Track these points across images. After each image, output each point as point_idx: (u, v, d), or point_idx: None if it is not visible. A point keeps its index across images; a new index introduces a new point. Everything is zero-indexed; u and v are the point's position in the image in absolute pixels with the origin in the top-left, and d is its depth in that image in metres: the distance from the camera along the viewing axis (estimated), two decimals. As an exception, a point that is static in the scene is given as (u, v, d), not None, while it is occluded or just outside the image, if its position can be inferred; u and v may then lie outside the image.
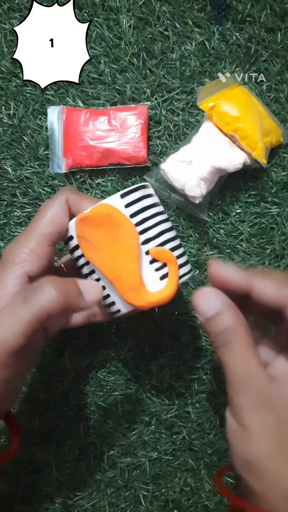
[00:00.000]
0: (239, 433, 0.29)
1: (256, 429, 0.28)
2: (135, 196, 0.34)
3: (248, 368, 0.29)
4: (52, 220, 0.33)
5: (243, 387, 0.29)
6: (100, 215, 0.33)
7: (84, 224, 0.33)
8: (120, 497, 0.45)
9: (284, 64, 0.46)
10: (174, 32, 0.45)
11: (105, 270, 0.33)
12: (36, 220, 0.34)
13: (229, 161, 0.42)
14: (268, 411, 0.28)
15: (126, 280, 0.33)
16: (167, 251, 0.34)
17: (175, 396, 0.45)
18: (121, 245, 0.33)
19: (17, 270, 0.32)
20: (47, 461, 0.45)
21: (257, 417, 0.28)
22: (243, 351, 0.30)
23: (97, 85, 0.46)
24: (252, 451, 0.28)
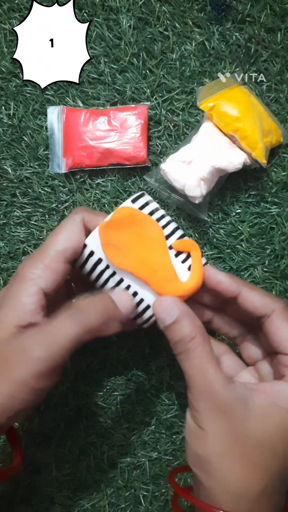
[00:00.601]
0: (195, 433, 0.31)
1: (210, 431, 0.30)
2: (144, 200, 0.35)
3: (205, 376, 0.31)
4: (67, 237, 0.33)
5: (200, 393, 0.31)
6: (123, 216, 0.33)
7: (109, 229, 0.33)
8: (120, 497, 0.45)
9: (284, 64, 0.46)
10: (174, 32, 0.46)
11: (137, 270, 0.33)
12: (51, 237, 0.34)
13: (229, 161, 0.42)
14: (223, 415, 0.30)
15: (162, 273, 0.34)
16: (188, 240, 0.36)
17: (175, 396, 0.45)
18: (149, 240, 0.34)
19: (32, 286, 0.32)
20: (47, 461, 0.45)
21: (212, 420, 0.30)
22: (200, 359, 0.31)
23: (97, 85, 0.46)
24: (205, 449, 0.30)
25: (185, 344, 0.31)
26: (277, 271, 0.45)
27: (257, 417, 0.30)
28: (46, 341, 0.30)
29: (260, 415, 0.30)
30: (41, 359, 0.30)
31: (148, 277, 0.34)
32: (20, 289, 0.32)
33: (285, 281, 0.46)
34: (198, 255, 0.35)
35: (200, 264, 0.35)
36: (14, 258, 0.46)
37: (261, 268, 0.45)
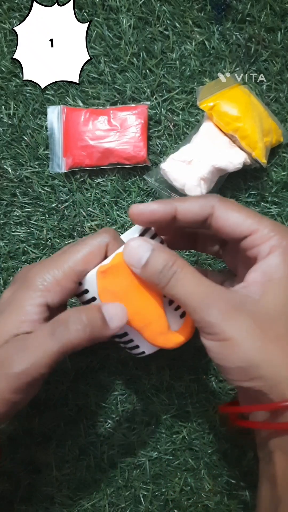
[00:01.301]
0: (223, 349, 0.29)
1: (236, 334, 0.28)
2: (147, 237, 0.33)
3: (204, 285, 0.30)
4: (86, 258, 0.32)
5: (207, 303, 0.29)
6: (124, 263, 0.32)
7: (107, 275, 0.32)
8: (120, 496, 0.45)
9: (284, 64, 0.46)
10: (174, 31, 0.45)
11: (132, 320, 0.32)
12: (70, 252, 0.33)
13: (229, 161, 0.42)
14: (239, 313, 0.29)
15: (155, 326, 0.33)
16: None
17: (175, 396, 0.45)
18: (145, 291, 0.32)
19: (38, 298, 0.31)
20: (47, 461, 0.45)
21: (232, 324, 0.29)
22: (192, 273, 0.30)
23: (97, 85, 0.46)
24: (244, 357, 0.28)
25: (170, 268, 0.30)
26: (277, 271, 0.45)
27: (269, 300, 0.29)
28: (24, 354, 0.29)
29: (271, 297, 0.29)
30: (17, 374, 0.29)
31: (141, 328, 0.33)
32: (26, 296, 0.31)
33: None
34: None
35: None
36: (14, 258, 0.46)
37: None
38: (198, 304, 0.29)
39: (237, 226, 0.31)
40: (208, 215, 0.32)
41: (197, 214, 0.32)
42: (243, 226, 0.31)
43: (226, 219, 0.31)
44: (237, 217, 0.31)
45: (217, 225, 0.32)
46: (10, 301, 0.32)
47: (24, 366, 0.29)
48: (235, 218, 0.31)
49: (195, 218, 0.32)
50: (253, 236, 0.31)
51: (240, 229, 0.31)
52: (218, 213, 0.32)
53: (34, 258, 0.46)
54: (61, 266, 0.32)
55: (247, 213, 0.32)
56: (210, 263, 0.46)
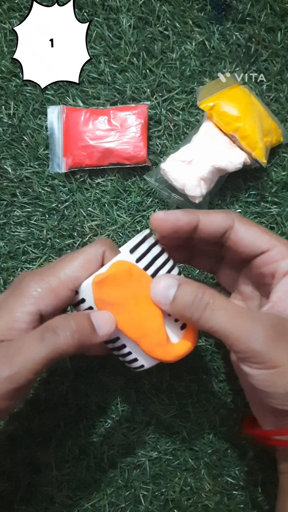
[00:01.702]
0: (271, 376, 0.29)
1: (285, 362, 0.28)
2: (144, 248, 0.32)
3: (242, 312, 0.29)
4: (83, 266, 0.32)
5: (251, 332, 0.29)
6: (121, 272, 0.31)
7: (103, 285, 0.31)
8: (120, 496, 0.45)
9: (284, 64, 0.46)
10: (174, 31, 0.45)
11: (128, 331, 0.32)
12: (67, 260, 0.32)
13: (229, 161, 0.42)
14: (284, 338, 0.29)
15: (153, 337, 0.32)
16: None
17: (175, 396, 0.45)
18: (143, 300, 0.32)
19: (30, 305, 0.31)
20: (47, 461, 0.45)
21: (279, 351, 0.28)
22: (226, 302, 0.30)
23: (97, 84, 0.46)
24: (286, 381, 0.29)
25: (201, 300, 0.30)
26: (277, 271, 0.45)
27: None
28: (12, 360, 0.29)
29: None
30: (3, 379, 0.28)
31: (138, 339, 0.32)
32: (17, 303, 0.31)
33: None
34: None
35: (194, 329, 0.34)
36: (14, 258, 0.46)
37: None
38: (241, 334, 0.29)
39: (256, 240, 0.32)
40: (229, 227, 0.33)
41: (219, 225, 0.33)
42: (261, 240, 0.32)
43: (245, 232, 0.32)
44: (256, 231, 0.32)
45: (236, 238, 0.33)
46: (1, 307, 0.31)
47: (11, 371, 0.28)
48: (254, 232, 0.32)
49: (216, 230, 0.33)
50: (271, 252, 0.32)
51: (258, 243, 0.32)
52: (238, 226, 0.33)
53: (34, 258, 0.46)
54: (57, 273, 0.31)
55: (265, 230, 0.33)
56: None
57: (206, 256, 0.38)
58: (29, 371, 0.29)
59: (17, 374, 0.28)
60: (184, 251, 0.38)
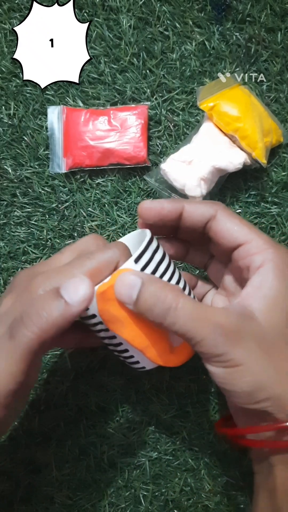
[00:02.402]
0: (231, 375, 0.29)
1: (245, 361, 0.29)
2: (148, 256, 0.32)
3: (204, 315, 0.29)
4: (92, 271, 0.31)
5: (212, 334, 0.29)
6: None
7: (107, 296, 0.30)
8: (120, 497, 0.45)
9: (284, 64, 0.46)
10: (174, 32, 0.45)
11: (134, 342, 0.31)
12: (77, 264, 0.31)
13: (229, 161, 0.42)
14: (244, 338, 0.29)
15: (157, 347, 0.32)
16: None
17: (175, 396, 0.45)
18: None
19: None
20: (47, 461, 0.45)
21: (239, 350, 0.29)
22: (188, 304, 0.29)
23: (97, 85, 0.46)
24: (251, 382, 0.29)
25: (163, 303, 0.29)
26: (277, 271, 0.45)
27: (267, 319, 0.30)
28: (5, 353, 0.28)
29: (268, 317, 0.30)
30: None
31: (143, 349, 0.32)
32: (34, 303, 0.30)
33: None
34: None
35: None
36: (14, 258, 0.46)
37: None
38: (203, 336, 0.29)
39: (234, 232, 0.33)
40: (211, 217, 0.33)
41: (201, 215, 0.33)
42: (239, 232, 0.32)
43: (225, 223, 0.33)
44: (236, 224, 0.33)
45: (216, 228, 0.33)
46: (12, 312, 0.31)
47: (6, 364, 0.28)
48: (234, 224, 0.33)
49: (199, 219, 0.33)
50: (248, 245, 0.32)
51: (236, 235, 0.32)
52: (220, 217, 0.33)
53: (34, 258, 0.46)
54: (66, 278, 0.30)
55: (246, 223, 0.33)
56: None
57: (199, 252, 0.39)
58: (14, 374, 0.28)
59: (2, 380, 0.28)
60: (179, 248, 0.38)
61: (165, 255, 0.34)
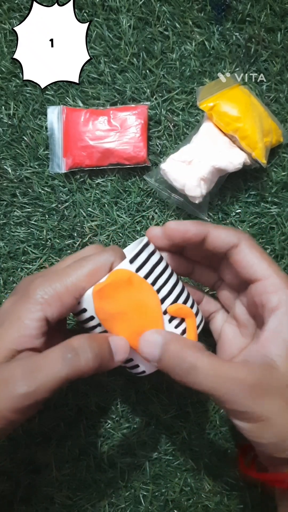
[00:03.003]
0: (257, 429, 0.29)
1: (269, 414, 0.29)
2: (143, 257, 0.32)
3: (225, 372, 0.29)
4: (90, 274, 0.31)
5: (236, 392, 0.29)
6: (121, 281, 0.31)
7: (103, 294, 0.31)
8: (120, 497, 0.45)
9: (284, 64, 0.46)
10: (174, 32, 0.45)
11: (129, 339, 0.32)
12: (74, 267, 0.32)
13: (229, 161, 0.42)
14: (267, 392, 0.29)
15: None
16: (184, 307, 0.34)
17: (175, 396, 0.45)
18: (144, 309, 0.32)
19: (38, 312, 0.31)
20: (47, 461, 0.45)
21: (263, 405, 0.29)
22: (208, 362, 0.30)
23: (97, 85, 0.46)
24: (277, 434, 0.29)
25: (184, 362, 0.30)
26: (277, 271, 0.45)
27: (286, 363, 0.30)
28: (31, 376, 0.29)
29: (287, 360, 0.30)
30: (21, 395, 0.28)
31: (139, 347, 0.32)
32: (25, 309, 0.31)
33: (285, 281, 0.46)
34: (193, 322, 0.34)
35: (194, 333, 0.34)
36: (14, 258, 0.46)
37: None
38: (224, 394, 0.29)
39: (253, 265, 0.32)
40: (234, 245, 0.33)
41: (225, 242, 0.33)
42: (258, 267, 0.32)
43: (246, 255, 0.33)
44: (256, 257, 0.32)
45: (237, 257, 0.33)
46: (9, 313, 0.31)
47: (30, 388, 0.28)
48: (254, 257, 0.32)
49: (222, 246, 0.33)
50: (264, 282, 0.32)
51: (255, 268, 0.32)
52: (242, 247, 0.33)
53: (34, 258, 0.46)
54: (64, 281, 0.31)
55: (267, 258, 0.33)
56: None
57: (206, 272, 0.39)
58: (46, 390, 0.29)
59: (35, 391, 0.28)
60: (185, 264, 0.38)
61: (162, 259, 0.34)
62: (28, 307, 0.31)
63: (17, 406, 0.28)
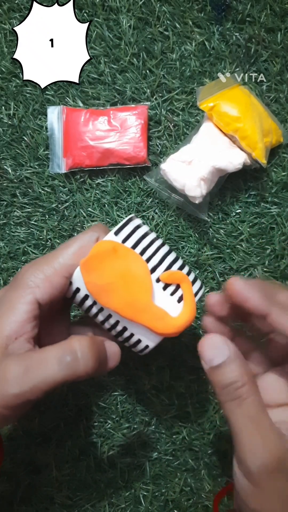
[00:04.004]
0: (250, 490, 0.28)
1: (268, 490, 0.28)
2: (128, 230, 0.33)
3: (260, 429, 0.28)
4: (77, 253, 0.32)
5: (257, 451, 0.28)
6: (105, 252, 0.31)
7: (90, 266, 0.31)
8: (120, 497, 0.45)
9: (284, 64, 0.46)
10: (174, 32, 0.45)
11: (123, 310, 0.32)
12: (61, 248, 0.33)
13: (229, 161, 0.42)
14: (281, 472, 0.28)
15: (148, 312, 0.32)
16: (176, 271, 0.33)
17: (175, 396, 0.45)
18: (132, 278, 0.32)
19: (28, 295, 0.31)
20: (47, 461, 0.45)
21: (269, 480, 0.28)
22: (255, 411, 0.28)
23: (97, 85, 0.46)
24: (264, 508, 0.28)
25: (237, 390, 0.29)
26: (277, 271, 0.46)
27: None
28: (25, 376, 0.28)
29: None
30: (13, 395, 0.28)
31: (134, 317, 0.32)
32: (17, 295, 0.31)
33: (285, 281, 0.46)
34: (188, 287, 0.33)
35: (191, 297, 0.33)
36: (14, 258, 0.46)
37: (261, 268, 0.45)
38: (247, 444, 0.28)
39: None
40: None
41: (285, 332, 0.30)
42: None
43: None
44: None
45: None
46: (2, 300, 0.32)
47: (23, 388, 0.28)
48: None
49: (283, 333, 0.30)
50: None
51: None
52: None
53: (34, 258, 0.46)
54: (51, 262, 0.32)
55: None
56: (210, 263, 0.46)
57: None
58: (39, 392, 0.28)
59: (28, 392, 0.28)
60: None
61: (150, 232, 0.34)
62: (19, 293, 0.31)
63: (8, 404, 0.28)
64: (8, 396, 0.28)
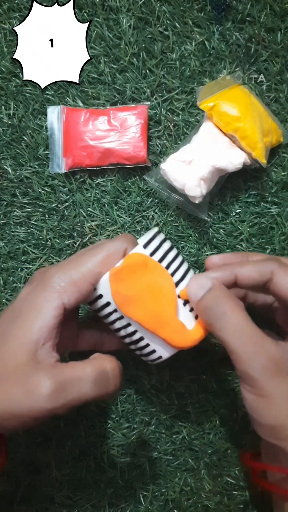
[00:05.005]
0: (259, 404, 0.29)
1: (275, 395, 0.29)
2: (156, 243, 0.34)
3: (253, 334, 0.29)
4: (105, 261, 0.32)
5: (252, 356, 0.29)
6: (136, 264, 0.32)
7: (120, 277, 0.32)
8: (120, 497, 0.45)
9: (284, 64, 0.46)
10: (174, 32, 0.45)
11: (146, 321, 0.32)
12: (89, 254, 0.33)
13: (229, 161, 0.42)
14: (282, 373, 0.29)
15: (169, 326, 0.33)
16: None
17: (175, 396, 0.45)
18: (159, 291, 0.33)
19: (55, 299, 0.31)
20: (47, 461, 0.45)
21: (274, 384, 0.29)
22: (244, 323, 0.30)
23: (97, 85, 0.46)
24: (276, 417, 0.29)
25: (220, 306, 0.30)
26: (277, 271, 0.45)
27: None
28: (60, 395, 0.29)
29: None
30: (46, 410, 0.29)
31: (155, 329, 0.33)
32: (43, 298, 0.31)
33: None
34: None
35: None
36: (14, 258, 0.46)
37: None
38: (243, 354, 0.29)
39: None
40: (267, 280, 0.32)
41: (255, 280, 0.32)
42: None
43: (284, 284, 0.32)
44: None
45: (275, 290, 0.32)
46: (28, 302, 0.32)
47: (56, 405, 0.29)
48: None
49: (254, 284, 0.33)
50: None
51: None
52: (277, 278, 0.32)
53: (34, 258, 0.46)
54: (79, 267, 0.32)
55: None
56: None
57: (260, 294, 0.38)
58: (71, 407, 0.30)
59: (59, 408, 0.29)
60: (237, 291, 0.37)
61: (173, 246, 0.35)
62: (46, 296, 0.31)
63: (37, 416, 0.29)
64: (39, 410, 0.29)
